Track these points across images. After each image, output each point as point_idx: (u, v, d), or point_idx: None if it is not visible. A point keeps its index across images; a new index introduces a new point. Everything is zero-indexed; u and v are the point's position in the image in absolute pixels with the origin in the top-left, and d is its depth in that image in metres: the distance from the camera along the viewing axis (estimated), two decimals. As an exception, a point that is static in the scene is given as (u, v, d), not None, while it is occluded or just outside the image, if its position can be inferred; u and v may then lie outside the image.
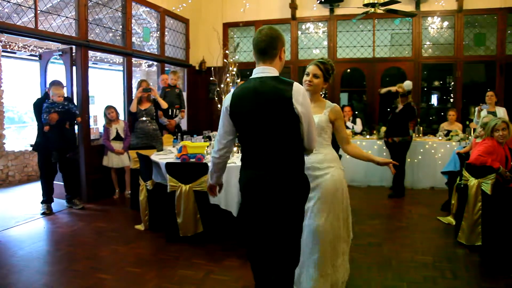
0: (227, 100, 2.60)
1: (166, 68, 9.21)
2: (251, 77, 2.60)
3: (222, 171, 2.90)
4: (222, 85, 5.35)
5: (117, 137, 7.12)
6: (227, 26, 10.18)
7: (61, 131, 6.21)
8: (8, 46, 8.42)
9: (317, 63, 3.27)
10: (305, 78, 3.29)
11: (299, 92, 2.45)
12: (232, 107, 2.56)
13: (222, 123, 2.65)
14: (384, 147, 7.53)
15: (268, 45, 2.54)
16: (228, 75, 5.28)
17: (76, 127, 6.74)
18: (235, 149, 5.55)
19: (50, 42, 7.23)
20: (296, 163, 2.55)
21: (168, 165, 4.73)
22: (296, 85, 2.47)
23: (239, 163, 2.80)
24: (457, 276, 3.88)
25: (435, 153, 7.71)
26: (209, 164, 2.91)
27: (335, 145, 3.40)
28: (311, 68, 3.28)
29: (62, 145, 6.28)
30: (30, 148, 8.93)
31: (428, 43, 9.27)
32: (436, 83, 9.81)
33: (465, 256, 4.44)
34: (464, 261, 4.31)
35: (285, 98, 2.42)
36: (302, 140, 2.53)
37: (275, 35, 2.56)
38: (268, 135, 2.49)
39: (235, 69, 5.34)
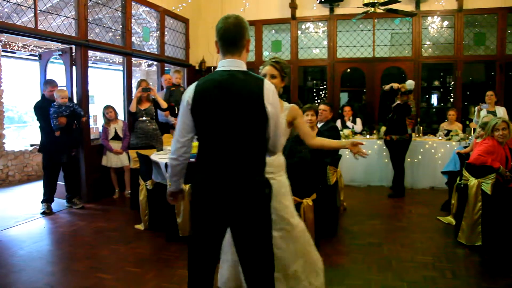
0: (188, 93, 2.34)
1: (166, 68, 9.21)
2: (217, 70, 2.39)
3: (181, 175, 2.60)
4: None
5: (116, 137, 7.12)
6: (227, 25, 10.16)
7: (70, 132, 6.29)
8: (8, 46, 8.42)
9: (272, 63, 3.17)
10: None
11: (270, 90, 2.29)
12: (195, 101, 2.30)
13: (181, 119, 2.38)
14: (384, 147, 7.53)
15: (238, 35, 2.34)
16: (228, 75, 5.28)
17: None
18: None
19: (50, 42, 7.23)
20: (260, 165, 2.37)
21: (167, 165, 4.72)
22: (267, 82, 2.32)
23: None
24: (457, 276, 3.88)
25: (435, 153, 7.71)
26: (168, 169, 2.61)
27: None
28: (267, 69, 3.16)
29: (71, 145, 6.37)
30: (30, 148, 8.97)
31: (428, 42, 9.27)
32: (436, 82, 9.80)
33: (465, 256, 4.45)
34: (464, 261, 4.32)
35: (256, 95, 2.25)
36: (266, 141, 2.36)
37: (244, 24, 2.35)
38: (233, 134, 2.27)
39: (235, 69, 5.34)
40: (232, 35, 2.33)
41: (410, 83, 7.08)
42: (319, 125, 5.69)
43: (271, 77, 3.12)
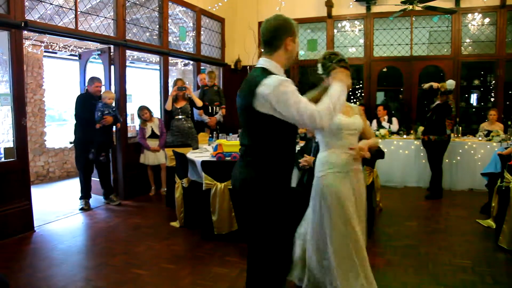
0: None
1: (202, 67, 9.29)
2: None
3: None
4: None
5: (153, 135, 7.23)
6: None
7: (107, 132, 6.47)
8: (50, 47, 8.66)
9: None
10: None
11: (267, 86, 2.29)
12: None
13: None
14: (422, 147, 7.39)
15: (271, 35, 2.46)
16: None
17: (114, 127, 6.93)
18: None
19: (89, 42, 7.40)
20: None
21: (203, 163, 4.76)
22: (267, 79, 2.31)
23: None
24: (497, 282, 3.76)
25: (475, 154, 7.50)
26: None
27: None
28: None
29: (102, 145, 6.47)
30: (70, 145, 9.21)
31: (468, 40, 9.01)
32: (476, 81, 9.52)
33: (506, 261, 4.30)
34: (505, 266, 4.18)
35: (250, 91, 2.35)
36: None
37: (278, 25, 2.46)
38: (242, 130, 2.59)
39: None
40: (265, 36, 2.50)
41: (450, 83, 6.89)
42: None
43: None
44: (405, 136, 8.16)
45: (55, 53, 9.07)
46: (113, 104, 6.48)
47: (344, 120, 3.19)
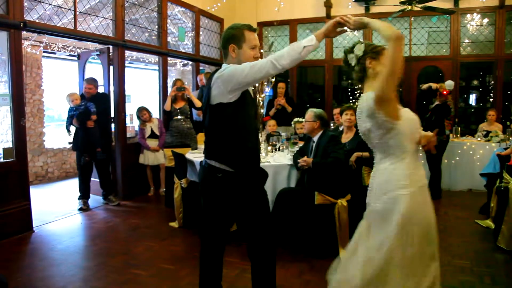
0: None
1: (201, 68, 9.29)
2: None
3: None
4: (257, 84, 5.34)
5: (152, 135, 7.23)
6: (261, 25, 10.16)
7: (86, 132, 6.37)
8: (48, 47, 8.65)
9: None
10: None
11: (217, 78, 2.63)
12: None
13: None
14: (420, 148, 7.37)
15: (222, 45, 2.81)
16: (262, 74, 5.25)
17: (113, 124, 6.91)
18: (269, 148, 5.54)
19: (88, 43, 7.40)
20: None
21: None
22: (216, 73, 2.65)
23: (274, 163, 2.77)
24: (496, 282, 3.76)
25: (474, 154, 7.50)
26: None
27: None
28: None
29: (90, 146, 6.42)
30: (69, 146, 9.21)
31: (466, 40, 9.03)
32: (475, 82, 9.52)
33: (505, 262, 4.30)
34: (504, 267, 4.18)
35: (209, 86, 2.70)
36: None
37: (225, 34, 2.76)
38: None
39: (269, 68, 5.30)
40: (221, 45, 2.84)
41: (449, 84, 6.90)
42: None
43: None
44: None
45: (54, 53, 9.07)
46: (82, 101, 6.35)
47: (413, 114, 2.40)
